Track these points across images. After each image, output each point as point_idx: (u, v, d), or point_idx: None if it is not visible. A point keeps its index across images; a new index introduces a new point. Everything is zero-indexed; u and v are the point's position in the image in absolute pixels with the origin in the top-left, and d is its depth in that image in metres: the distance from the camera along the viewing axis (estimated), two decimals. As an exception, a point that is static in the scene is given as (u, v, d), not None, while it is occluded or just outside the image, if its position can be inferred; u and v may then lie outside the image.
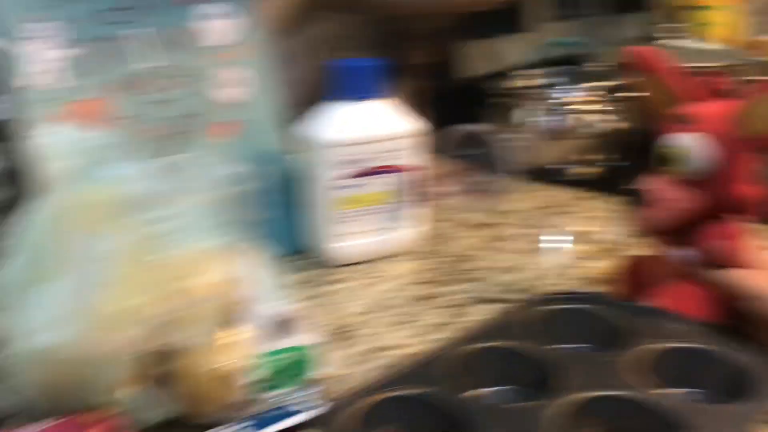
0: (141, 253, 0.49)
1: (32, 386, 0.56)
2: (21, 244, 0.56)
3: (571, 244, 0.91)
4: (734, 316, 0.62)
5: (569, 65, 1.20)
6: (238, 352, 0.57)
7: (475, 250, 0.90)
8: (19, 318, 0.53)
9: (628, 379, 0.53)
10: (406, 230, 0.86)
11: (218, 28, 0.89)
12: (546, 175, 1.13)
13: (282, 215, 0.90)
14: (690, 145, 0.62)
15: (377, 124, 0.83)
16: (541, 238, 0.92)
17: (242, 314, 0.59)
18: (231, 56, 0.89)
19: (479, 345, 0.60)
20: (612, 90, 1.13)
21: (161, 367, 0.54)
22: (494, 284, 0.80)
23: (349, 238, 0.84)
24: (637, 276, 0.70)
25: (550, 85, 1.15)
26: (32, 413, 0.56)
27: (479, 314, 0.73)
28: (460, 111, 1.20)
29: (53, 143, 0.52)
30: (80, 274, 0.47)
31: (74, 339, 0.48)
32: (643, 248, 0.70)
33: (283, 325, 0.62)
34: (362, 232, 0.85)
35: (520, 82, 1.20)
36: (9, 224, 0.82)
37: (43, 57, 0.77)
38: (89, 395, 0.55)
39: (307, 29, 1.09)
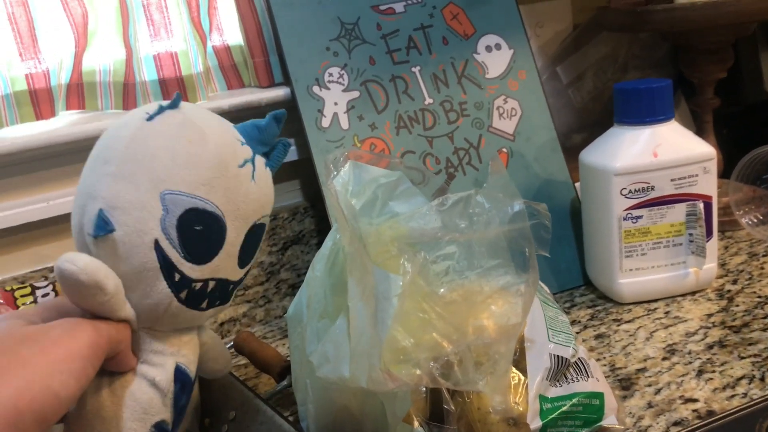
0: (432, 290, 0.48)
1: (319, 415, 0.58)
2: (314, 276, 0.59)
3: None
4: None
5: None
6: (522, 394, 0.54)
7: (790, 289, 0.78)
8: (311, 348, 0.56)
9: None
10: (704, 265, 0.77)
11: (495, 59, 0.88)
12: None
13: (566, 249, 0.86)
14: None
15: (668, 149, 0.75)
16: None
17: (527, 355, 0.56)
18: (508, 86, 0.87)
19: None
20: None
21: (445, 405, 0.53)
22: (818, 331, 0.69)
23: (640, 273, 0.77)
24: None
25: None
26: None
27: (801, 367, 0.63)
28: (760, 130, 1.07)
29: (344, 182, 0.54)
30: (372, 309, 0.48)
31: (366, 372, 0.48)
32: None
33: (570, 368, 0.58)
34: (654, 267, 0.77)
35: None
36: (300, 258, 0.88)
37: (333, 100, 0.82)
38: (371, 428, 0.55)
39: (589, 51, 1.04)
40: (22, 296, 0.67)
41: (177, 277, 0.38)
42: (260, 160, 0.42)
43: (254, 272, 0.85)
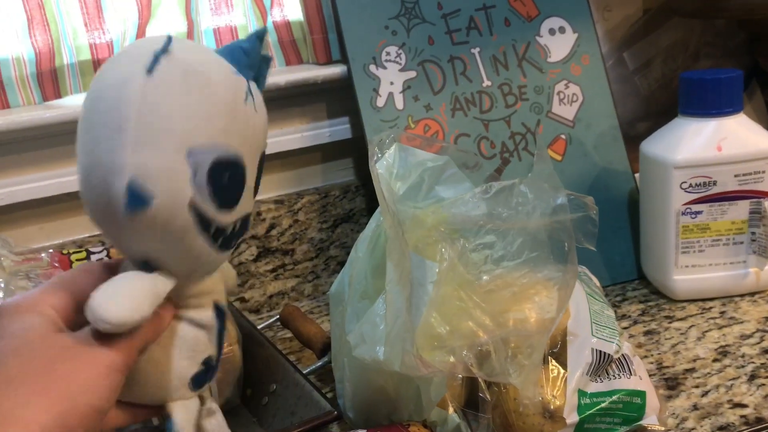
0: (471, 279, 0.47)
1: (356, 394, 0.58)
2: (357, 256, 0.59)
3: None
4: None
5: None
6: (560, 388, 0.54)
7: None
8: (350, 327, 0.56)
9: None
10: (765, 266, 0.74)
11: (558, 42, 0.85)
12: None
13: (621, 241, 0.83)
14: None
15: (734, 143, 0.72)
16: None
17: (569, 348, 0.55)
18: (570, 71, 0.85)
19: None
20: None
21: (481, 393, 0.53)
22: None
23: (697, 270, 0.75)
24: None
25: None
26: (354, 419, 0.59)
27: None
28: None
29: (391, 163, 0.54)
30: (410, 294, 0.47)
31: (399, 355, 0.48)
32: None
33: (612, 364, 0.56)
34: (712, 265, 0.75)
35: None
36: (349, 236, 0.89)
37: (389, 79, 0.81)
38: (406, 411, 0.55)
39: (659, 37, 1.00)
40: (77, 260, 0.70)
41: (213, 229, 0.38)
42: (254, 87, 0.40)
43: (304, 248, 0.86)
